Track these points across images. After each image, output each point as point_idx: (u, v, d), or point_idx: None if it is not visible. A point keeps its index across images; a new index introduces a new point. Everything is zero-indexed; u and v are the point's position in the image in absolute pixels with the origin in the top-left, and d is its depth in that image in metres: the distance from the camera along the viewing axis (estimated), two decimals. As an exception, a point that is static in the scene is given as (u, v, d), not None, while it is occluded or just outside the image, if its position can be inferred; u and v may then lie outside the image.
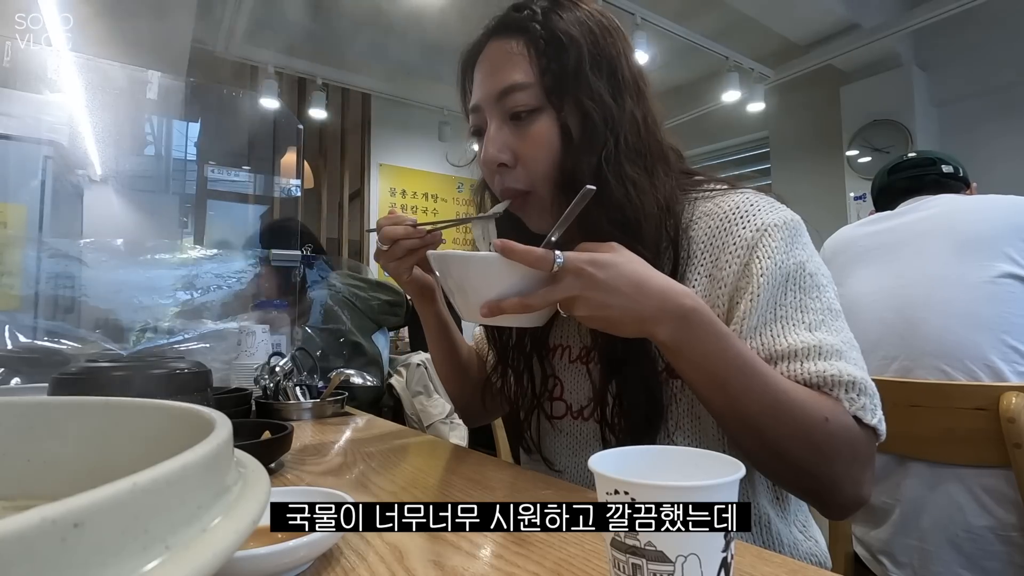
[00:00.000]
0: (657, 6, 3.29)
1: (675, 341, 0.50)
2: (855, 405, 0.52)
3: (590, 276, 0.48)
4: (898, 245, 1.12)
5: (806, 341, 0.54)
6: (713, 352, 0.50)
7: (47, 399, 0.35)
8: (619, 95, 0.61)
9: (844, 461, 0.52)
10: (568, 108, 0.60)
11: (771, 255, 0.56)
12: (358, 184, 4.89)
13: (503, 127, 0.63)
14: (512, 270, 0.51)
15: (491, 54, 0.64)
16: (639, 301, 0.49)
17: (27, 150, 1.61)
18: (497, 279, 0.52)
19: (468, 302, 0.55)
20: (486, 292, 0.53)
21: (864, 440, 0.53)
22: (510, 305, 0.51)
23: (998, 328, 0.95)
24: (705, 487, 0.29)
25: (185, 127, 2.01)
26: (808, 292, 0.57)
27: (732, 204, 0.61)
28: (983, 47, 3.40)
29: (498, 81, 0.62)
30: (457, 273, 0.55)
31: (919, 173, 1.23)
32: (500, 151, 0.62)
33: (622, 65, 0.63)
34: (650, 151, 0.62)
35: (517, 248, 0.49)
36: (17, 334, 1.12)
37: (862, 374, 0.54)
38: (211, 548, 0.19)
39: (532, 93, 0.61)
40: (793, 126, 4.24)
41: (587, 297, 0.49)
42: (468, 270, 0.54)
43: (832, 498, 0.55)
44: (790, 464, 0.53)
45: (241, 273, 1.48)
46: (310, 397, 1.14)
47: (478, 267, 0.54)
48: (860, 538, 1.08)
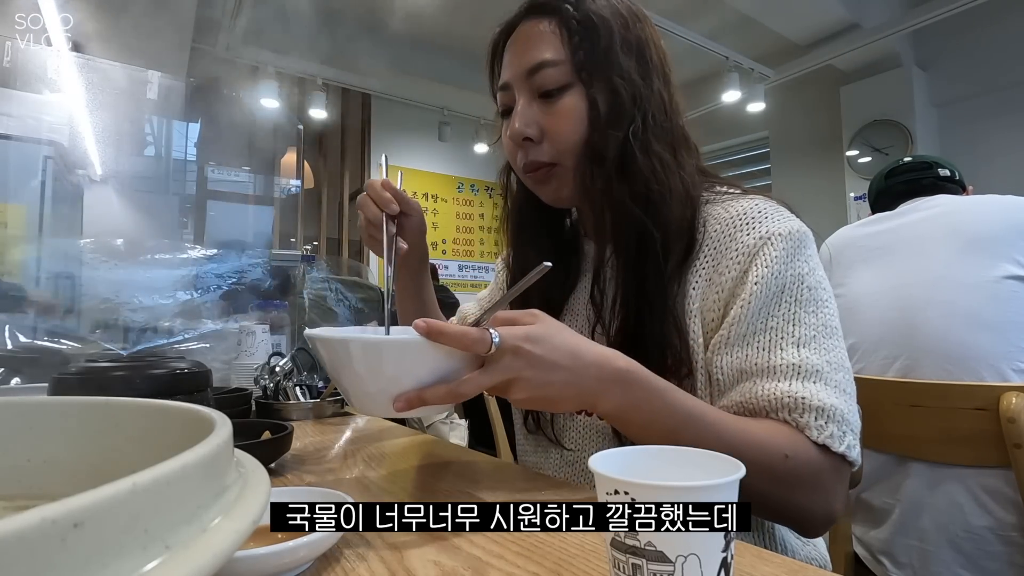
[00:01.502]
0: (657, 6, 3.29)
1: (619, 408, 0.48)
2: (822, 433, 0.51)
3: (528, 353, 0.45)
4: (899, 245, 1.12)
5: (787, 360, 0.53)
6: (658, 410, 0.49)
7: (47, 399, 0.35)
8: (647, 76, 0.63)
9: (809, 491, 0.52)
10: (597, 85, 0.61)
11: (769, 264, 0.56)
12: (358, 184, 4.89)
13: (532, 103, 0.64)
14: (436, 354, 0.44)
15: (523, 34, 0.65)
16: (578, 373, 0.46)
17: (27, 150, 1.61)
18: (417, 365, 0.44)
19: (375, 393, 0.45)
20: (402, 382, 0.44)
21: (830, 469, 0.52)
22: (435, 396, 0.45)
23: (1000, 328, 0.95)
24: (705, 487, 0.29)
25: (185, 127, 2.01)
26: (804, 306, 0.56)
27: (740, 209, 0.60)
28: (983, 47, 3.41)
29: (529, 59, 0.63)
30: (359, 361, 0.45)
31: (916, 177, 1.24)
32: (527, 125, 0.63)
33: (651, 49, 0.64)
34: (674, 132, 0.64)
35: (448, 330, 0.44)
36: (17, 334, 1.12)
37: (836, 400, 0.52)
38: (211, 548, 0.19)
39: (562, 70, 0.62)
40: (793, 126, 4.24)
41: (526, 378, 0.46)
42: (379, 358, 0.44)
43: (804, 524, 0.55)
44: (755, 496, 0.52)
45: (241, 273, 1.48)
46: (310, 397, 1.14)
47: (392, 354, 0.44)
48: (860, 538, 1.08)
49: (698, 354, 0.58)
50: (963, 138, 3.47)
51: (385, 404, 0.45)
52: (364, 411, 0.49)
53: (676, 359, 0.59)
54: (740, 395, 0.55)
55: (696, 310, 0.59)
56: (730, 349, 0.56)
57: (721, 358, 0.56)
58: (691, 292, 0.60)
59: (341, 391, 0.49)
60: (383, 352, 0.45)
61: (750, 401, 0.54)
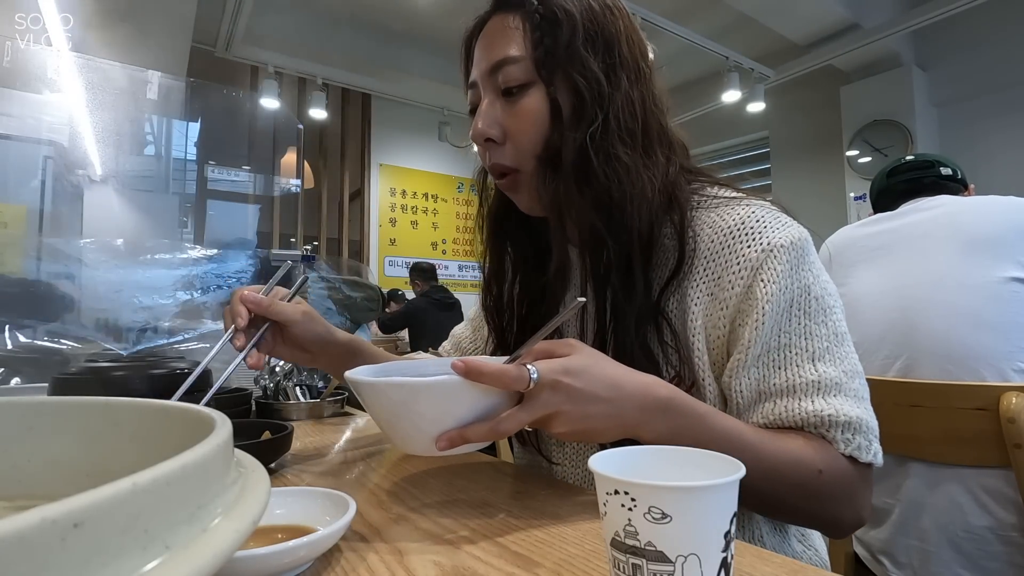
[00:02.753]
0: (657, 6, 3.29)
1: (663, 438, 0.48)
2: (850, 446, 0.52)
3: (567, 387, 0.44)
4: (900, 245, 1.12)
5: (806, 377, 0.53)
6: (701, 435, 0.48)
7: (47, 399, 0.35)
8: (613, 73, 0.59)
9: (842, 502, 0.53)
10: (558, 83, 0.59)
11: (776, 279, 0.54)
12: (358, 184, 4.90)
13: (495, 102, 0.62)
14: (475, 393, 0.44)
15: (490, 30, 0.64)
16: (620, 405, 0.46)
17: (27, 150, 1.61)
18: (457, 405, 0.45)
19: (416, 434, 0.46)
20: (443, 422, 0.45)
21: (860, 478, 0.54)
22: (476, 433, 0.45)
23: (1001, 329, 0.95)
24: (705, 487, 0.28)
25: (185, 127, 2.01)
26: (813, 318, 0.55)
27: (737, 219, 0.57)
28: (983, 47, 3.41)
29: (492, 56, 0.61)
30: (403, 403, 0.46)
31: (918, 175, 1.23)
32: (489, 126, 0.61)
33: (621, 44, 0.61)
34: (647, 133, 0.60)
35: (486, 369, 0.44)
36: (17, 334, 1.12)
37: (858, 411, 0.53)
38: (211, 548, 0.19)
39: (523, 67, 0.60)
40: (793, 126, 4.24)
41: (566, 412, 0.45)
42: (417, 400, 0.45)
43: (833, 530, 0.56)
44: (790, 513, 0.54)
45: (241, 273, 1.48)
46: (310, 397, 1.14)
47: (431, 396, 0.45)
48: (860, 538, 1.08)
49: (703, 371, 0.57)
50: (963, 138, 3.47)
51: (428, 444, 0.46)
52: (407, 450, 0.49)
53: (675, 375, 0.58)
54: (763, 417, 0.55)
55: (700, 327, 0.57)
56: (747, 371, 0.55)
57: (740, 382, 0.56)
58: (693, 308, 0.58)
59: (383, 432, 0.50)
60: (421, 395, 0.45)
61: (774, 423, 0.54)
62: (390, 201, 4.88)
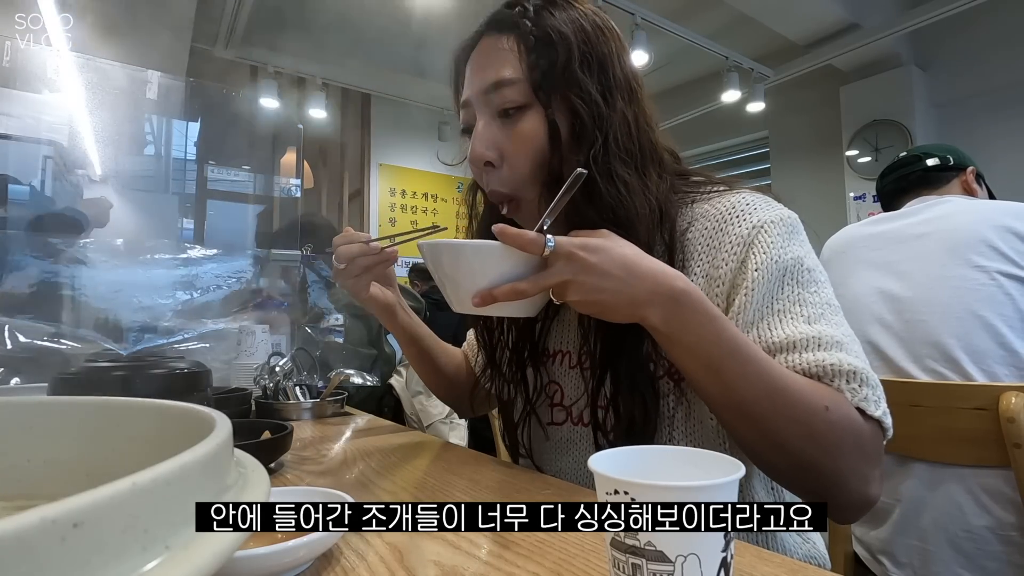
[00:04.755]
0: (657, 6, 3.28)
1: (667, 324, 0.49)
2: (857, 396, 0.51)
3: (582, 260, 0.48)
4: (899, 247, 1.12)
5: (804, 332, 0.53)
6: (707, 335, 0.49)
7: (47, 399, 0.35)
8: (609, 94, 0.60)
9: (848, 454, 0.50)
10: (556, 105, 0.60)
11: (767, 250, 0.56)
12: (358, 184, 4.89)
13: (491, 124, 0.62)
14: (504, 258, 0.51)
15: (482, 50, 0.64)
16: (631, 284, 0.48)
17: (27, 150, 1.61)
18: (489, 267, 0.52)
19: (459, 292, 0.54)
20: (479, 281, 0.52)
21: (869, 433, 0.51)
22: (502, 292, 0.51)
23: (999, 328, 0.95)
24: (705, 487, 0.29)
25: (185, 127, 2.00)
26: (806, 287, 0.56)
27: (728, 204, 0.60)
28: (983, 47, 3.41)
29: (487, 76, 0.61)
30: (448, 262, 0.54)
31: (905, 173, 1.24)
32: (487, 148, 0.62)
33: (614, 64, 0.62)
34: (642, 152, 0.61)
35: (509, 231, 0.49)
36: (17, 334, 1.12)
37: (864, 365, 0.52)
38: (211, 548, 0.19)
39: (520, 89, 0.60)
40: (793, 126, 4.24)
41: (580, 281, 0.49)
42: (459, 259, 0.54)
43: (838, 497, 0.52)
44: (791, 456, 0.51)
45: (241, 273, 1.48)
46: (310, 397, 1.14)
47: (470, 255, 0.53)
48: (860, 538, 1.08)
49: None
50: (963, 138, 3.47)
51: (467, 300, 0.53)
52: (456, 308, 0.56)
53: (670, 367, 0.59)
54: None
55: None
56: None
57: None
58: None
59: (444, 295, 0.58)
60: (461, 254, 0.53)
61: None
62: (390, 201, 4.88)
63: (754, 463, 0.56)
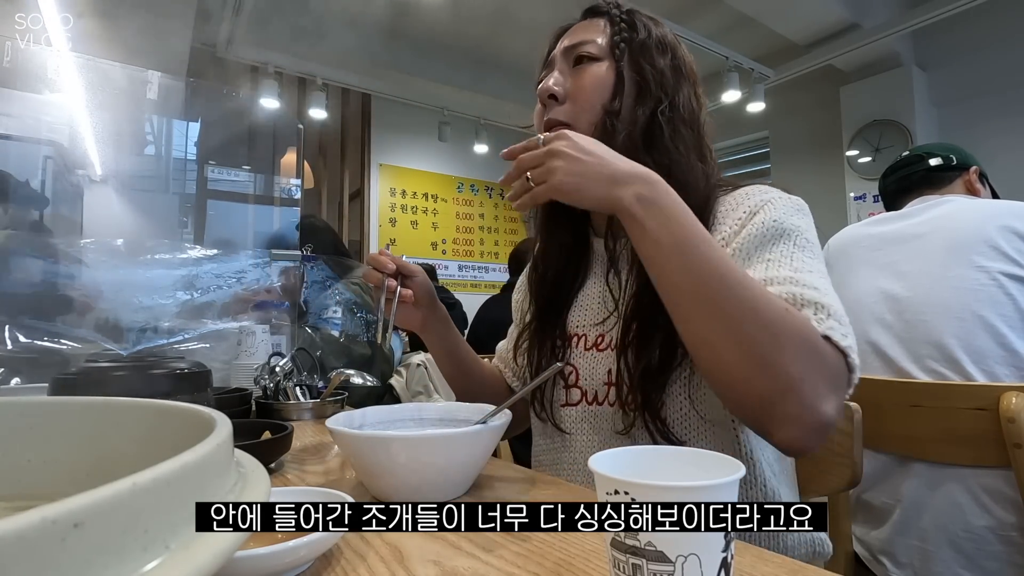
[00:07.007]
0: (657, 6, 3.27)
1: (641, 202, 0.52)
2: (823, 324, 0.50)
3: (569, 138, 0.55)
4: (900, 247, 1.12)
5: (786, 275, 0.55)
6: (676, 215, 0.52)
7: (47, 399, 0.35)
8: (678, 75, 0.70)
9: (804, 357, 0.48)
10: (627, 63, 0.68)
11: (771, 212, 0.60)
12: (358, 184, 4.89)
13: (565, 70, 0.71)
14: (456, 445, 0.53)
15: (575, 27, 0.75)
16: (607, 160, 0.54)
17: (27, 150, 1.61)
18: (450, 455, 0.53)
19: (446, 476, 0.54)
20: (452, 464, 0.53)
21: (832, 355, 0.49)
22: (516, 191, 0.59)
23: (999, 328, 0.95)
24: (705, 487, 0.28)
25: (185, 127, 2.00)
26: (802, 250, 0.58)
27: (742, 192, 0.66)
28: (983, 47, 3.41)
29: (575, 38, 0.71)
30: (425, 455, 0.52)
31: (907, 172, 1.24)
32: (556, 84, 0.69)
33: (684, 63, 0.72)
34: (699, 135, 0.69)
35: (516, 146, 0.59)
36: (17, 334, 1.12)
37: (839, 307, 0.52)
38: (211, 548, 0.19)
39: (598, 47, 0.70)
40: (793, 126, 4.24)
41: (565, 154, 0.54)
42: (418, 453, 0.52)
43: (788, 404, 0.48)
44: (744, 349, 0.48)
45: (241, 273, 1.48)
46: (310, 397, 1.14)
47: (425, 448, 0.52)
48: (860, 538, 1.08)
49: None
50: (963, 138, 3.46)
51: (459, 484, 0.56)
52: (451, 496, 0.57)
53: None
54: None
55: None
56: None
57: None
58: None
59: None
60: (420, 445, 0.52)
61: None
62: (390, 201, 4.88)
63: (705, 357, 0.52)
